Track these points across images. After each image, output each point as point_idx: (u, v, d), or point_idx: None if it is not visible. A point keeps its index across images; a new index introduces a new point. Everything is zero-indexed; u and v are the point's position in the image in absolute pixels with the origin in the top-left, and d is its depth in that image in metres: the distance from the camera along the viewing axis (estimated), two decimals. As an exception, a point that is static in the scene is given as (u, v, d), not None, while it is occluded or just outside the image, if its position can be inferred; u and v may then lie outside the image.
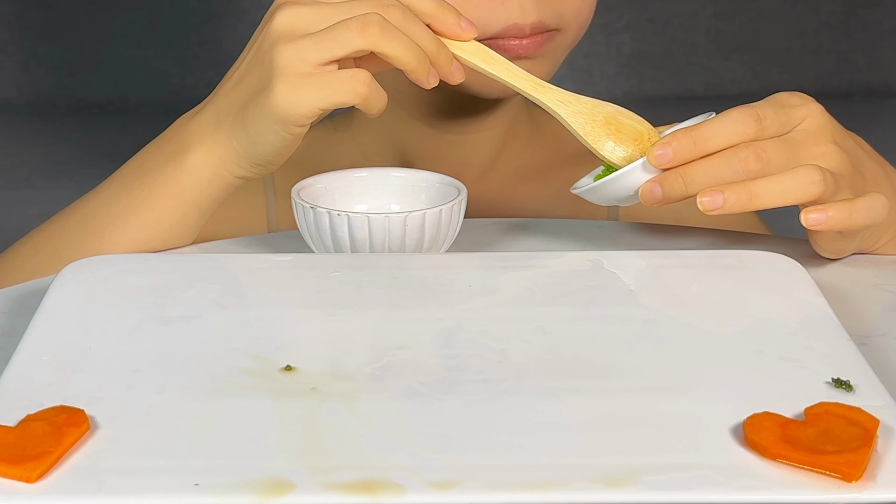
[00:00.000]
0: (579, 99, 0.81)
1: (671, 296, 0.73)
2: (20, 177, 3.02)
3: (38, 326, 0.67)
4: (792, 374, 0.63)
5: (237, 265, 0.76)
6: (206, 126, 0.82)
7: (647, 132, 0.80)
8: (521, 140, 1.05)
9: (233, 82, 0.82)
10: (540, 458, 0.56)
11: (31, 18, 3.46)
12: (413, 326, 0.68)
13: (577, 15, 0.93)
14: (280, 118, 0.77)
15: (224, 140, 0.81)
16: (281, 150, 0.80)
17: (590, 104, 0.81)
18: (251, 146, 0.80)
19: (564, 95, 0.82)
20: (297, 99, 0.77)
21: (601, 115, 0.81)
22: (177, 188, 0.83)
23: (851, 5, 3.56)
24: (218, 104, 0.83)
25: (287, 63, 0.77)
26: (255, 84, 0.79)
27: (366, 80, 0.77)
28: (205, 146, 0.82)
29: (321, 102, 0.77)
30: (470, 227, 0.86)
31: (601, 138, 0.80)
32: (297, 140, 0.79)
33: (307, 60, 0.77)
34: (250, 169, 0.82)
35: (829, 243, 0.80)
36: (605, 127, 0.80)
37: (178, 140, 0.84)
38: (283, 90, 0.77)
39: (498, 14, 0.89)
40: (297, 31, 0.78)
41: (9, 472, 0.54)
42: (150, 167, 0.84)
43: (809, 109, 0.78)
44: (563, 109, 0.81)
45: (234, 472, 0.54)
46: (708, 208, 0.74)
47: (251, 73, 0.80)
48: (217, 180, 0.83)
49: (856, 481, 0.54)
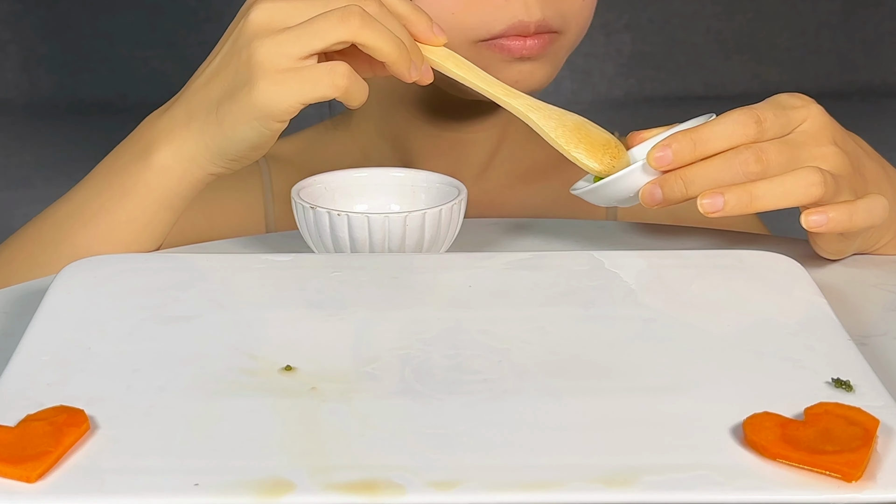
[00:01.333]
0: (549, 107, 0.83)
1: (671, 296, 0.73)
2: (20, 177, 3.02)
3: (38, 326, 0.67)
4: (792, 374, 0.63)
5: (237, 265, 0.76)
6: (176, 123, 0.81)
7: (614, 142, 0.82)
8: (519, 139, 1.05)
9: (205, 78, 0.81)
10: (540, 458, 0.56)
11: (31, 18, 3.46)
12: (413, 326, 0.68)
13: (578, 16, 0.93)
14: (261, 114, 0.77)
15: (196, 136, 0.81)
16: (257, 145, 0.79)
17: (558, 112, 0.83)
18: (226, 142, 0.80)
19: (535, 102, 0.83)
20: (279, 94, 0.76)
21: (570, 122, 0.82)
22: (147, 188, 0.82)
23: (851, 5, 3.56)
24: (189, 101, 0.81)
25: (266, 58, 0.76)
26: (231, 80, 0.78)
27: (345, 72, 0.76)
28: (174, 143, 0.81)
29: (302, 97, 0.76)
30: (470, 227, 0.86)
31: (572, 141, 0.81)
32: (276, 135, 0.79)
33: (287, 55, 0.76)
34: (223, 164, 0.82)
35: (829, 244, 0.80)
36: (574, 132, 0.81)
37: (147, 138, 0.83)
38: (265, 86, 0.76)
39: (503, 12, 0.89)
40: (275, 26, 0.77)
41: (9, 472, 0.54)
42: (118, 167, 0.84)
43: (810, 111, 0.78)
44: (534, 114, 0.82)
45: (234, 472, 0.54)
46: (708, 210, 0.74)
47: (226, 68, 0.79)
48: (188, 177, 0.82)
49: (856, 481, 0.54)
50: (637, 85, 3.44)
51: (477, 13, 0.87)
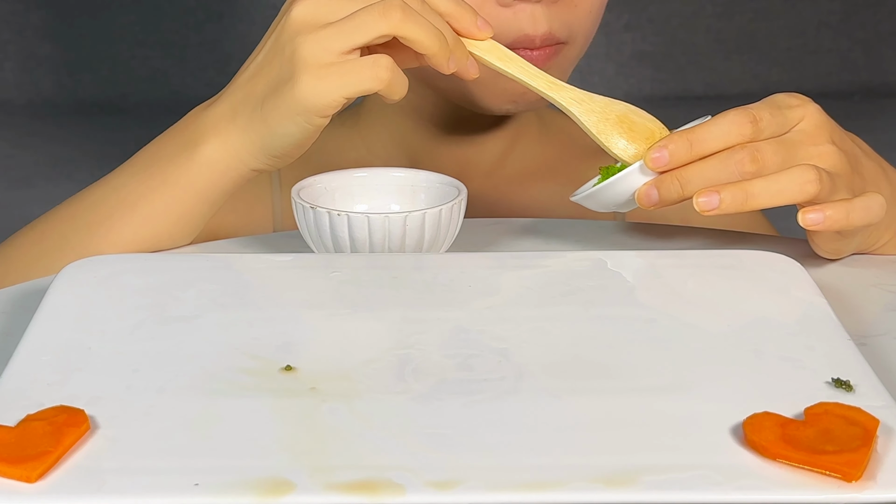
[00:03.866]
0: (592, 97, 0.82)
1: (671, 296, 0.73)
2: (20, 177, 3.02)
3: (38, 326, 0.67)
4: (792, 374, 0.63)
5: (237, 265, 0.76)
6: (222, 118, 0.82)
7: (659, 131, 0.80)
8: (530, 140, 1.05)
9: (249, 74, 0.82)
10: (540, 458, 0.56)
11: (31, 18, 3.46)
12: (413, 326, 0.68)
13: (584, 26, 0.93)
14: (304, 109, 0.77)
15: (240, 132, 0.81)
16: (301, 141, 0.80)
17: (602, 102, 0.81)
18: (270, 138, 0.80)
19: (578, 94, 0.82)
20: (322, 89, 0.77)
21: (613, 114, 0.81)
22: (187, 180, 0.83)
23: (851, 5, 3.56)
24: (234, 96, 0.82)
25: (310, 53, 0.77)
26: (276, 76, 0.79)
27: (388, 64, 0.77)
28: (219, 138, 0.82)
29: (346, 91, 0.77)
30: (470, 227, 0.86)
31: (613, 136, 0.80)
32: (318, 131, 0.79)
33: (330, 50, 0.77)
34: (266, 161, 0.82)
35: (827, 243, 0.80)
36: (617, 125, 0.80)
37: (191, 131, 0.83)
38: (308, 81, 0.76)
39: (509, 24, 0.89)
40: (318, 22, 0.78)
41: (9, 472, 0.54)
42: (161, 157, 0.84)
43: (806, 110, 0.78)
44: (576, 108, 0.81)
45: (234, 472, 0.54)
46: (704, 209, 0.74)
47: (270, 64, 0.80)
48: (231, 173, 0.82)
49: (856, 481, 0.54)
50: (637, 85, 3.44)
51: None
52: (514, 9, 0.89)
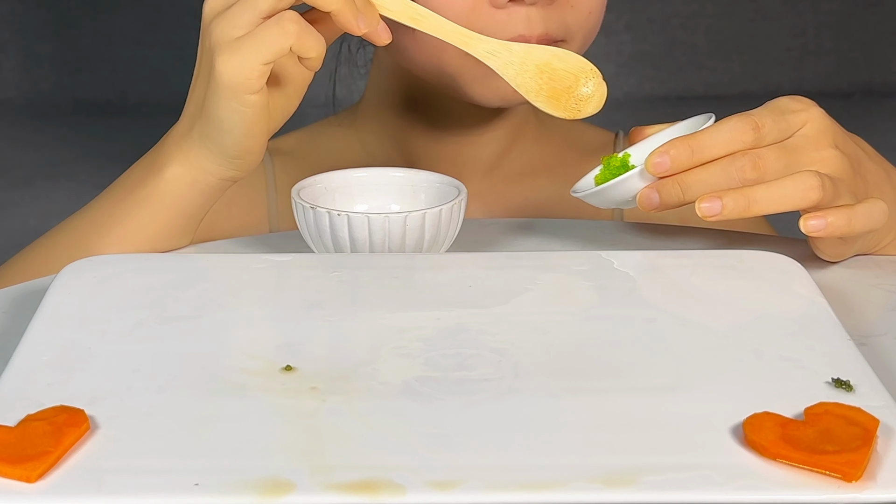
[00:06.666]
0: (510, 48, 0.82)
1: (671, 296, 0.73)
2: (20, 177, 3.01)
3: (38, 326, 0.67)
4: (792, 374, 0.63)
5: (237, 265, 0.76)
6: (181, 133, 0.84)
7: (584, 73, 0.81)
8: (528, 139, 1.05)
9: (192, 85, 0.83)
10: (540, 458, 0.56)
11: (31, 18, 3.46)
12: (413, 326, 0.68)
13: (584, 25, 0.92)
14: (230, 89, 0.78)
15: (197, 141, 0.82)
16: (246, 129, 0.79)
17: (522, 52, 0.82)
18: (218, 135, 0.80)
19: (494, 45, 0.82)
20: (238, 62, 0.77)
21: (532, 64, 0.81)
22: (157, 196, 0.84)
23: (851, 5, 3.56)
24: (188, 109, 0.84)
25: (221, 32, 0.78)
26: (206, 73, 0.80)
27: (293, 17, 0.77)
28: (181, 153, 0.83)
29: (260, 56, 0.77)
30: (470, 227, 0.86)
31: (533, 88, 0.80)
32: (258, 113, 0.79)
33: (237, 25, 0.77)
34: (228, 164, 0.82)
35: (829, 248, 0.80)
36: (536, 76, 0.81)
37: (159, 153, 0.85)
38: (224, 60, 0.77)
39: (504, 25, 0.89)
40: (225, 5, 0.79)
41: (9, 472, 0.54)
42: (133, 181, 0.86)
43: (810, 114, 0.78)
44: (492, 61, 0.82)
45: (234, 472, 0.54)
46: (706, 214, 0.74)
47: (200, 65, 0.82)
48: (198, 185, 0.83)
49: (856, 481, 0.54)
50: (637, 85, 3.44)
51: (479, 26, 0.87)
52: (507, 10, 0.89)
